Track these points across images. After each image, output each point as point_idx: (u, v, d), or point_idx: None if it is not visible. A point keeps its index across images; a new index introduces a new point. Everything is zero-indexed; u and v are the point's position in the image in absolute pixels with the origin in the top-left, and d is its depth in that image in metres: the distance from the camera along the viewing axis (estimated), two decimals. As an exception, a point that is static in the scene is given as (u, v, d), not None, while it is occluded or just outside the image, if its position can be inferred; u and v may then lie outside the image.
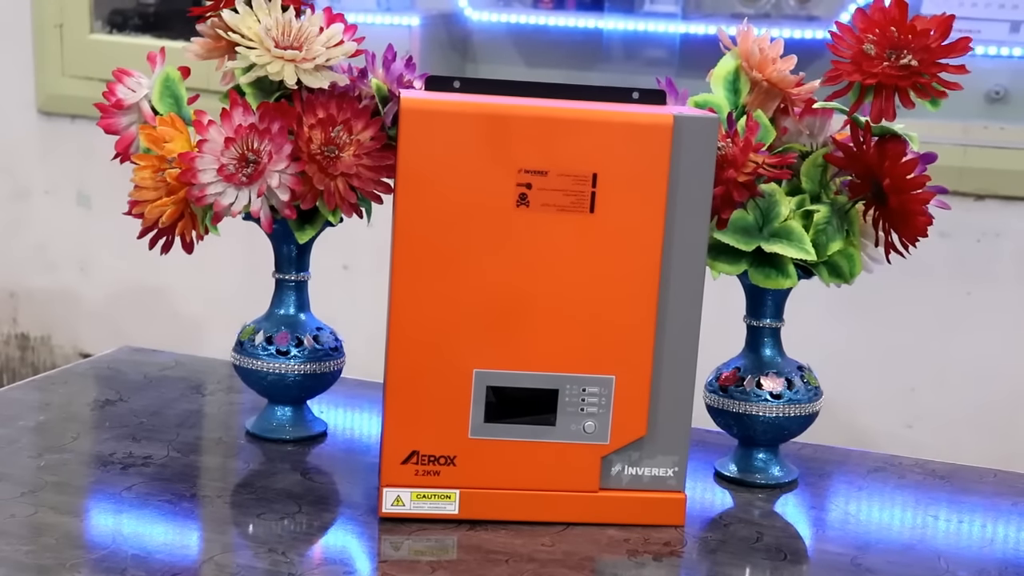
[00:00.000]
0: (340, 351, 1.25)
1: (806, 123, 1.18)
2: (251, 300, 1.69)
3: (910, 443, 2.18)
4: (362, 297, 2.44)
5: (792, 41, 2.38)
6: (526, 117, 1.02)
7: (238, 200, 1.11)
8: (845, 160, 1.13)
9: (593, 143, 1.02)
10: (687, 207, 1.04)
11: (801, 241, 1.13)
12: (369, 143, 1.13)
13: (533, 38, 2.77)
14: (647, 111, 1.04)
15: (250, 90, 1.15)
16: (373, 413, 1.36)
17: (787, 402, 1.18)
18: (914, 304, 2.17)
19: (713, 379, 1.21)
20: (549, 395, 1.06)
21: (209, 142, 1.10)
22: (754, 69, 1.16)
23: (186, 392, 1.37)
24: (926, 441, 2.17)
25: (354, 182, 1.14)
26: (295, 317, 1.24)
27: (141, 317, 2.67)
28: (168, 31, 2.76)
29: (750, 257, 1.14)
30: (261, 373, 1.22)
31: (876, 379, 2.19)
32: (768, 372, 1.19)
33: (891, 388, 2.19)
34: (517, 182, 1.03)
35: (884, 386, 2.19)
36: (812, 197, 1.16)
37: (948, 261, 2.12)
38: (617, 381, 1.06)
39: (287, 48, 1.12)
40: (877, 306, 2.16)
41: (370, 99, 1.16)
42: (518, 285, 1.04)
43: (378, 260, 2.09)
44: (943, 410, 2.17)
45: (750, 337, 1.21)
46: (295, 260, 1.24)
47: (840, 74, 1.09)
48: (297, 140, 1.12)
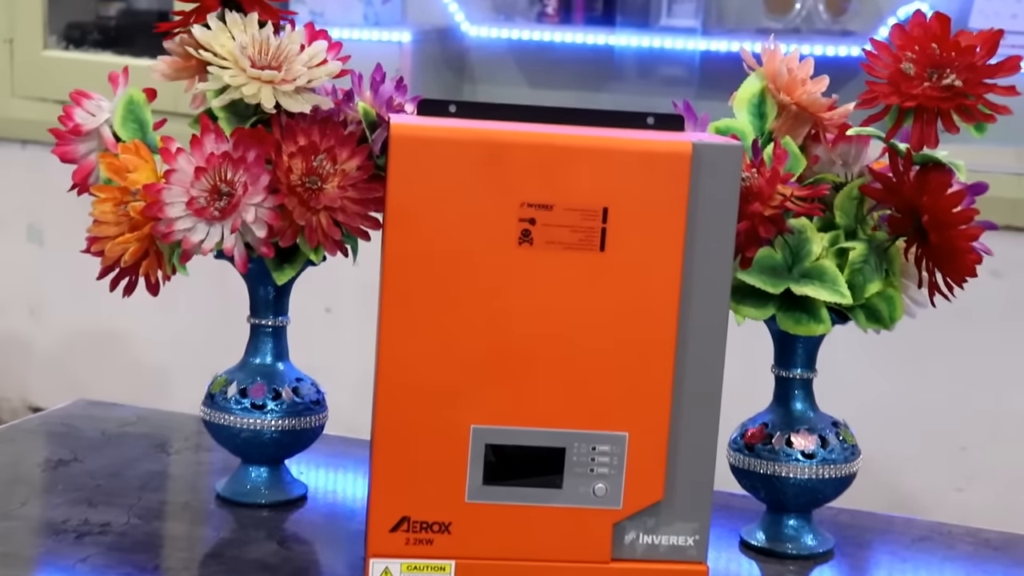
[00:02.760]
0: (322, 405, 1.26)
1: (840, 151, 1.19)
2: (223, 348, 1.70)
3: (960, 508, 2.18)
4: (347, 344, 2.44)
5: (824, 59, 2.40)
6: (529, 145, 1.03)
7: (209, 236, 1.12)
8: (883, 192, 1.14)
9: (603, 174, 1.03)
10: (708, 245, 1.05)
11: (835, 282, 1.14)
12: (355, 173, 1.14)
13: (537, 56, 2.79)
14: (663, 138, 1.05)
15: (223, 114, 1.16)
16: (359, 474, 1.36)
17: (821, 462, 1.18)
18: (963, 352, 2.17)
19: (738, 436, 1.21)
20: (555, 454, 1.06)
21: (177, 172, 1.11)
22: (782, 91, 1.17)
23: (149, 451, 1.38)
24: (978, 506, 2.17)
25: (339, 216, 1.14)
26: (272, 367, 1.25)
27: (99, 367, 2.67)
28: (131, 48, 2.78)
29: (778, 300, 1.15)
30: (234, 429, 1.22)
31: (921, 436, 2.19)
32: (799, 428, 1.19)
33: (939, 446, 2.19)
34: (519, 217, 1.04)
35: (931, 444, 2.19)
36: (847, 233, 1.17)
37: (1001, 304, 2.13)
38: (631, 438, 1.06)
39: (264, 68, 1.13)
40: (921, 355, 2.16)
41: (356, 125, 1.17)
42: (520, 331, 1.05)
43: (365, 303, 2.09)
44: (997, 471, 2.17)
45: (779, 389, 1.21)
46: (272, 303, 1.24)
47: (876, 96, 1.10)
48: (275, 170, 1.13)
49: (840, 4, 2.62)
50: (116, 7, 2.95)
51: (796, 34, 2.61)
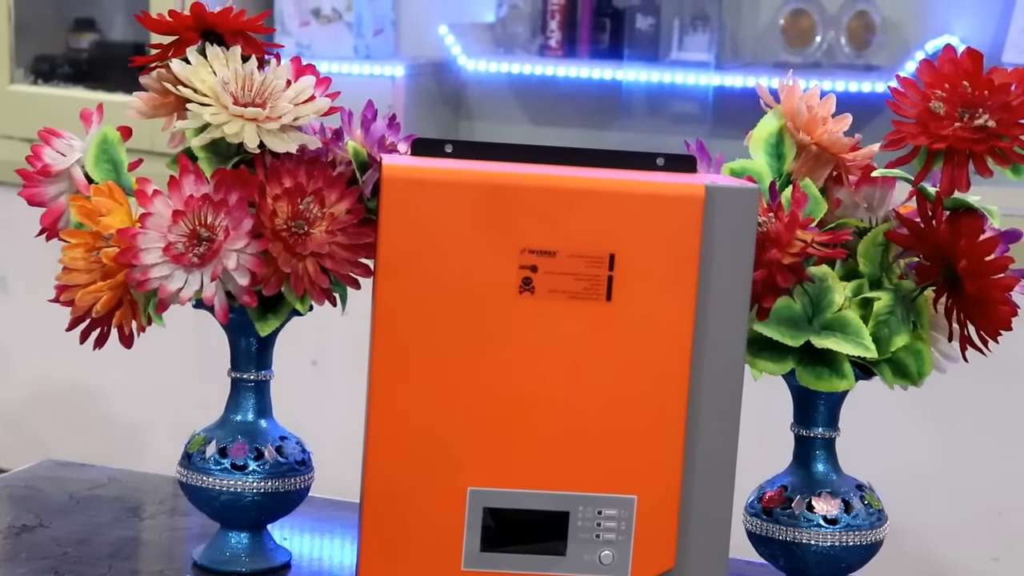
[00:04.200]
0: (308, 465, 1.25)
1: (864, 194, 1.19)
2: (201, 404, 1.69)
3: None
4: (335, 400, 2.44)
5: (847, 96, 2.41)
6: (531, 187, 1.04)
7: (188, 285, 1.12)
8: (911, 238, 1.14)
9: (610, 218, 1.04)
10: (722, 294, 1.05)
11: (858, 335, 1.14)
12: (345, 217, 1.15)
13: (539, 92, 2.80)
14: (674, 180, 1.06)
15: (204, 154, 1.16)
16: (347, 539, 1.36)
17: (844, 528, 1.18)
18: (998, 410, 2.17)
19: (755, 500, 1.21)
20: (558, 519, 1.06)
21: (154, 216, 1.12)
22: (801, 130, 1.18)
23: (121, 515, 1.37)
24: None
25: (326, 263, 1.15)
26: (254, 424, 1.25)
27: (67, 424, 2.67)
28: (105, 82, 2.79)
29: (798, 354, 1.15)
30: (213, 492, 1.22)
31: (954, 501, 2.18)
32: (821, 492, 1.19)
33: (972, 512, 2.18)
34: (520, 264, 1.04)
35: (964, 509, 2.18)
36: (871, 282, 1.17)
37: (1038, 358, 2.13)
38: (639, 502, 1.06)
39: (248, 105, 1.14)
40: (952, 413, 2.16)
41: (346, 165, 1.17)
42: (521, 387, 1.05)
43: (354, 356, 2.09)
44: (1035, 538, 2.16)
45: (799, 449, 1.21)
46: (255, 356, 1.24)
47: (904, 136, 1.10)
48: (259, 214, 1.13)
49: (864, 37, 2.63)
50: (88, 39, 2.96)
51: (816, 69, 2.62)
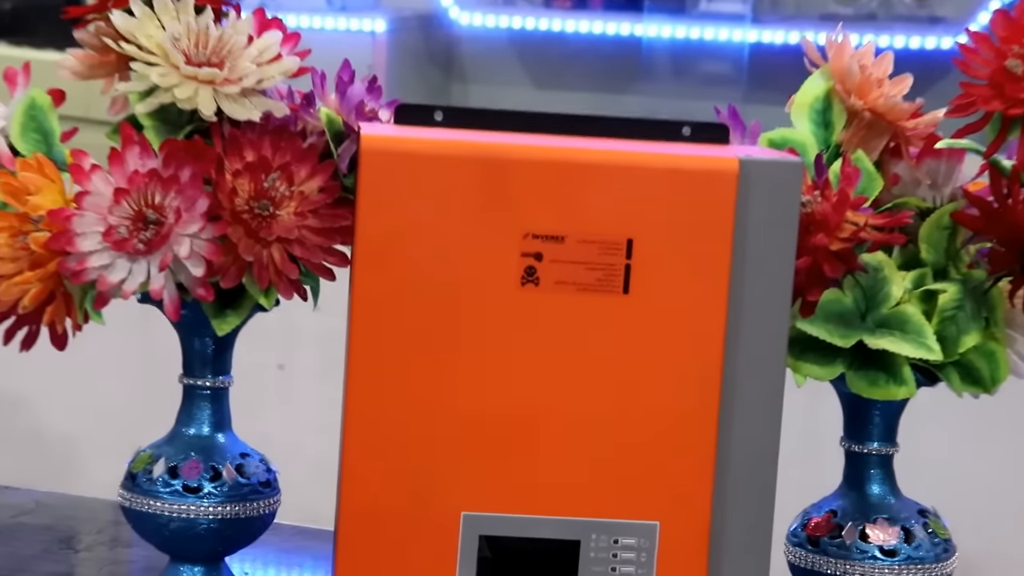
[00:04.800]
0: (274, 487, 1.26)
1: (926, 169, 1.19)
2: (148, 415, 1.70)
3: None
4: (305, 410, 2.44)
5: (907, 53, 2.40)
6: (535, 162, 1.04)
7: (132, 275, 1.12)
8: (982, 220, 1.14)
9: (628, 198, 1.04)
10: (759, 287, 1.05)
11: (920, 333, 1.14)
12: (316, 196, 1.15)
13: (544, 50, 2.79)
14: (703, 153, 1.06)
15: (150, 123, 1.16)
16: (319, 574, 1.36)
17: (905, 561, 1.18)
18: (1085, 422, 2.17)
19: (799, 527, 1.21)
20: (567, 549, 1.06)
21: (92, 195, 1.12)
22: (852, 94, 1.18)
23: (52, 547, 1.37)
24: (1105, 617, 2.16)
25: (295, 250, 1.15)
26: (210, 439, 1.25)
27: (-10, 440, 2.67)
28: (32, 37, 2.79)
29: (848, 356, 1.15)
30: (161, 518, 1.22)
31: (1033, 529, 2.19)
32: (876, 518, 1.19)
33: (1054, 542, 2.19)
34: (522, 252, 1.04)
35: (1045, 539, 2.19)
36: (936, 272, 1.17)
37: None
38: (663, 529, 1.06)
39: (202, 65, 1.14)
40: (1032, 425, 2.16)
41: (318, 136, 1.18)
42: (523, 395, 1.05)
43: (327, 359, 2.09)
44: None
45: (851, 468, 1.22)
46: (211, 359, 1.25)
47: (974, 100, 1.10)
48: (216, 193, 1.14)
49: (927, -16, 2.63)
50: (13, -13, 2.96)
51: (871, 22, 2.62)
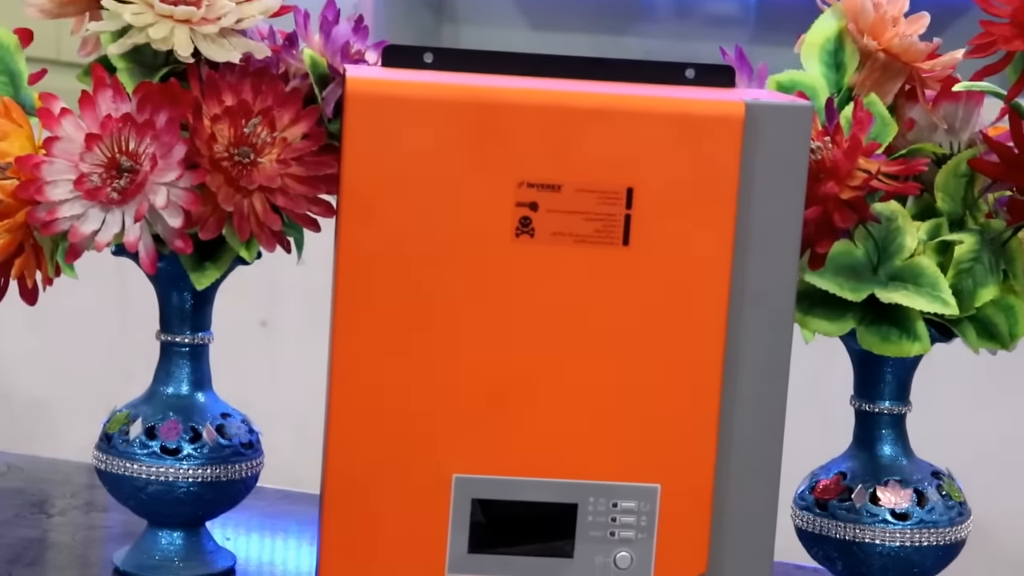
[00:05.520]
0: (256, 448, 1.26)
1: (943, 113, 1.19)
2: (123, 374, 1.70)
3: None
4: (289, 369, 2.44)
5: (923, -9, 2.40)
6: (530, 107, 1.04)
7: (106, 226, 1.12)
8: (1002, 167, 1.14)
9: (628, 144, 1.04)
10: (766, 238, 1.05)
11: (935, 286, 1.14)
12: (300, 143, 1.15)
13: (541, -13, 2.79)
14: (707, 97, 1.06)
15: (124, 64, 1.16)
16: (304, 539, 1.37)
17: (917, 524, 1.18)
18: (1107, 380, 2.17)
19: (806, 490, 1.22)
20: (564, 513, 1.07)
21: (62, 140, 1.12)
22: (866, 34, 1.18)
23: (23, 511, 1.38)
24: None
25: (278, 200, 1.15)
26: (190, 398, 1.25)
27: (-42, 399, 2.67)
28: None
29: (860, 310, 1.15)
30: (138, 481, 1.23)
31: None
32: (888, 480, 1.19)
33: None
34: (517, 201, 1.04)
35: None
36: (952, 222, 1.17)
37: None
38: (663, 492, 1.07)
39: (178, 3, 1.14)
40: (1052, 383, 2.16)
41: (302, 79, 1.17)
42: (518, 351, 1.05)
43: (312, 314, 2.09)
44: None
45: (861, 428, 1.22)
46: (190, 315, 1.25)
47: (995, 40, 1.10)
48: (194, 139, 1.13)
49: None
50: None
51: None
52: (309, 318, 2.33)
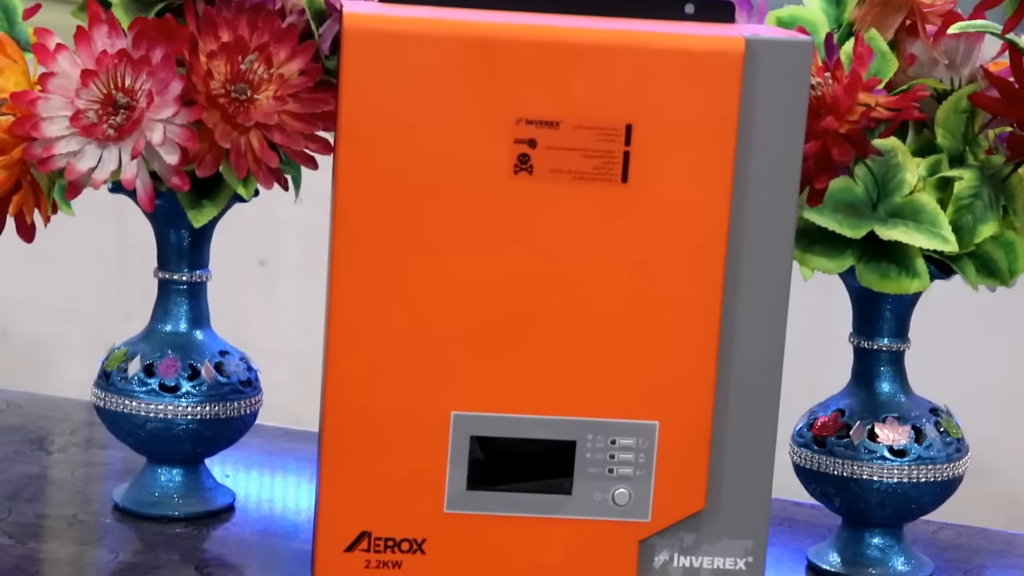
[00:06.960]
0: (255, 386, 1.26)
1: (944, 48, 1.19)
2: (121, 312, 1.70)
3: (1101, 523, 2.19)
4: (287, 307, 2.45)
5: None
6: (528, 42, 1.04)
7: (103, 163, 1.12)
8: (1002, 102, 1.14)
9: (626, 80, 1.04)
10: (765, 174, 1.05)
11: (934, 223, 1.14)
12: (297, 80, 1.15)
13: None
14: (706, 32, 1.06)
15: (119, 0, 1.16)
16: (303, 477, 1.37)
17: (915, 461, 1.19)
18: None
19: (804, 427, 1.22)
20: (562, 449, 1.07)
21: (58, 76, 1.12)
22: (865, -31, 1.17)
23: (23, 448, 1.38)
24: (1125, 521, 2.18)
25: (275, 137, 1.15)
26: (188, 336, 1.25)
27: (-44, 337, 2.67)
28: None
29: (859, 247, 1.15)
30: (137, 419, 1.23)
31: (1050, 428, 2.20)
32: (886, 417, 1.20)
33: (1073, 442, 2.20)
34: (515, 138, 1.04)
35: (1062, 439, 2.20)
36: (952, 158, 1.17)
37: None
38: (662, 429, 1.07)
39: (175, -61, 1.13)
40: (1052, 320, 2.16)
41: (298, 15, 1.17)
42: (516, 288, 1.05)
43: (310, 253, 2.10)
44: None
45: (860, 365, 1.22)
46: (188, 253, 1.25)
47: (992, -25, 1.10)
48: (190, 75, 1.13)
49: None
50: None
51: None
52: (307, 257, 2.33)
